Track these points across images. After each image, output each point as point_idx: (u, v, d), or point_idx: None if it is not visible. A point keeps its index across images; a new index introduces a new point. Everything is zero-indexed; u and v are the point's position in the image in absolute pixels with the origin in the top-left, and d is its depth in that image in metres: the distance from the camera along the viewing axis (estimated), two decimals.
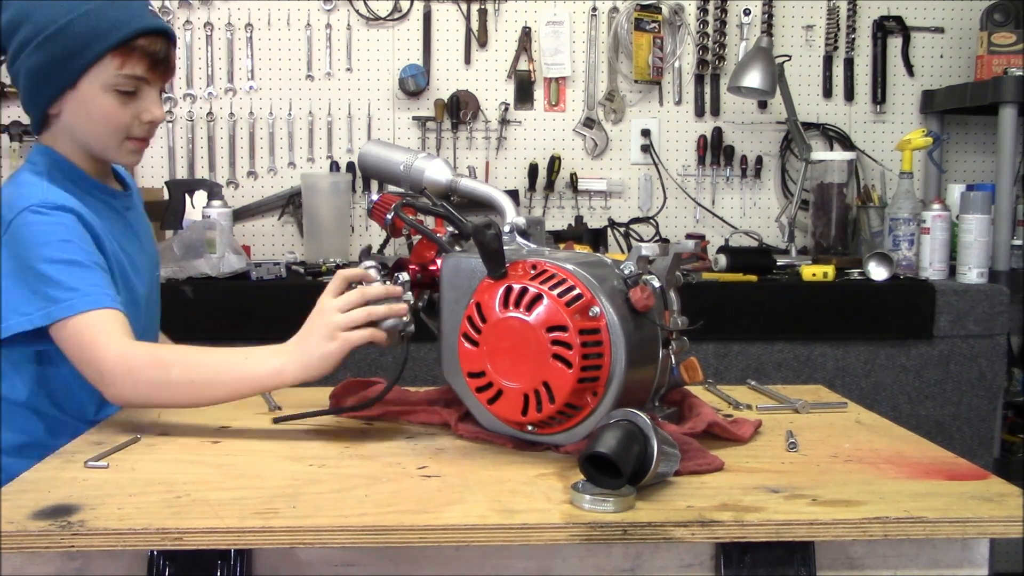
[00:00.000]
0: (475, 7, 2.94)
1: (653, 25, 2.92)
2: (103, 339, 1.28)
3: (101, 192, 1.49)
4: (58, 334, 1.30)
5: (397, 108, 2.95)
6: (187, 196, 2.60)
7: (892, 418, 1.42)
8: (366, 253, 1.31)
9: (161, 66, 1.43)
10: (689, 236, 2.93)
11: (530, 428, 1.16)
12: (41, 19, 1.39)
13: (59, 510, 0.95)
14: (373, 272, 1.25)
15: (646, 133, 2.99)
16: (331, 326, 1.22)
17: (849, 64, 3.03)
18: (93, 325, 1.29)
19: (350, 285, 1.26)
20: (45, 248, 1.32)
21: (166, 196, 2.64)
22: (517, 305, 1.11)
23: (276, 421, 1.33)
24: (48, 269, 1.31)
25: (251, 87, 2.92)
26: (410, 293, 1.28)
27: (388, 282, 1.26)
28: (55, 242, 1.33)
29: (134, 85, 1.41)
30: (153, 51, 1.40)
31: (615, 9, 2.96)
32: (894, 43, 3.04)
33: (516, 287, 1.12)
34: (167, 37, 1.44)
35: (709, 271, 2.59)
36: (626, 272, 1.17)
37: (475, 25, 2.95)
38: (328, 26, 2.92)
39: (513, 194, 2.89)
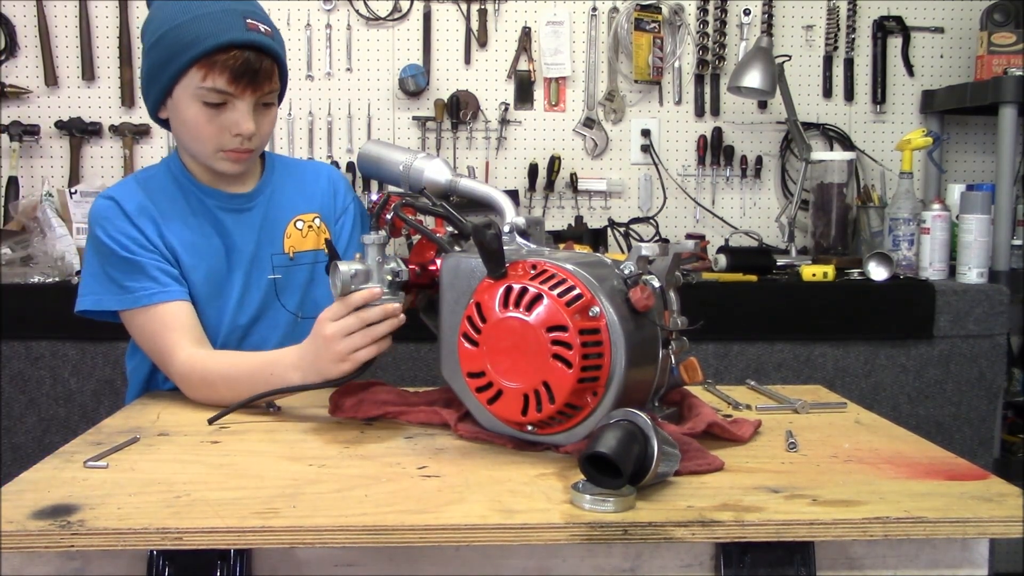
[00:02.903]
0: (475, 7, 2.94)
1: (653, 25, 2.92)
2: (164, 328, 1.50)
3: (200, 192, 1.58)
4: (137, 320, 1.54)
5: (397, 108, 2.95)
6: None
7: (892, 418, 1.42)
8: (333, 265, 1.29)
9: (245, 79, 1.45)
10: (689, 236, 2.93)
11: (530, 428, 1.16)
12: (153, 26, 1.49)
13: (59, 510, 0.95)
14: (368, 294, 1.27)
15: (646, 133, 2.99)
16: (339, 353, 1.28)
17: (849, 64, 3.03)
18: (155, 316, 1.51)
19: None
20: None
21: None
22: (517, 305, 1.11)
23: (210, 421, 1.33)
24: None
25: None
26: (402, 293, 1.29)
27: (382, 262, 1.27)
28: (108, 238, 1.54)
29: (220, 97, 1.46)
30: (234, 65, 1.43)
31: (615, 9, 2.96)
32: (894, 43, 3.04)
33: (516, 287, 1.12)
34: (258, 50, 1.45)
35: (709, 271, 2.59)
36: (626, 272, 1.17)
37: (475, 25, 2.95)
38: (328, 26, 2.92)
39: (513, 194, 2.89)
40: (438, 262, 1.30)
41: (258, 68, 1.45)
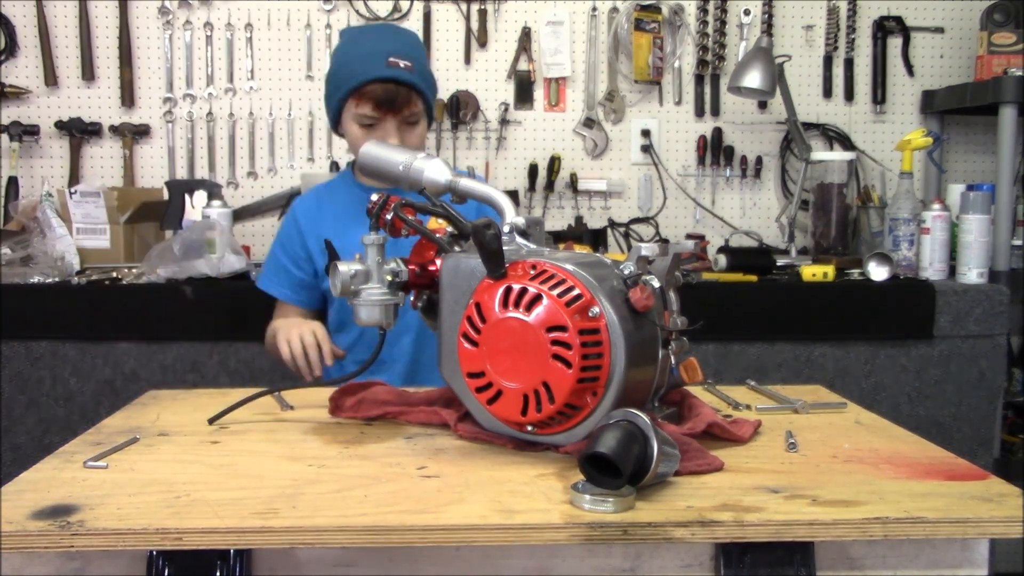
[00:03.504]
0: (475, 7, 2.94)
1: (653, 25, 2.92)
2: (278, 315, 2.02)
3: (359, 189, 1.97)
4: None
5: None
6: (187, 196, 2.60)
7: (892, 418, 1.41)
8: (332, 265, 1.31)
9: (386, 106, 1.84)
10: (689, 236, 2.93)
11: (530, 428, 1.16)
12: (331, 65, 1.95)
13: (58, 510, 0.95)
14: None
15: (646, 133, 2.99)
16: (288, 336, 1.77)
17: (849, 64, 3.03)
18: (280, 306, 2.03)
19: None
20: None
21: (166, 196, 2.64)
22: (517, 305, 1.11)
23: (211, 421, 1.33)
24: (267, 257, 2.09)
25: (251, 87, 2.92)
26: (402, 293, 1.29)
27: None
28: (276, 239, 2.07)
29: (370, 119, 1.86)
30: (377, 96, 1.83)
31: (615, 9, 2.96)
32: (894, 43, 3.04)
33: (516, 287, 1.12)
34: (396, 82, 1.83)
35: (709, 271, 2.59)
36: (626, 272, 1.17)
37: (475, 25, 2.95)
38: (328, 26, 2.92)
39: (513, 194, 2.89)
40: (438, 262, 1.30)
41: (395, 97, 1.83)
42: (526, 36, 2.96)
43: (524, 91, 2.97)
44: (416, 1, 2.91)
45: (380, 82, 1.83)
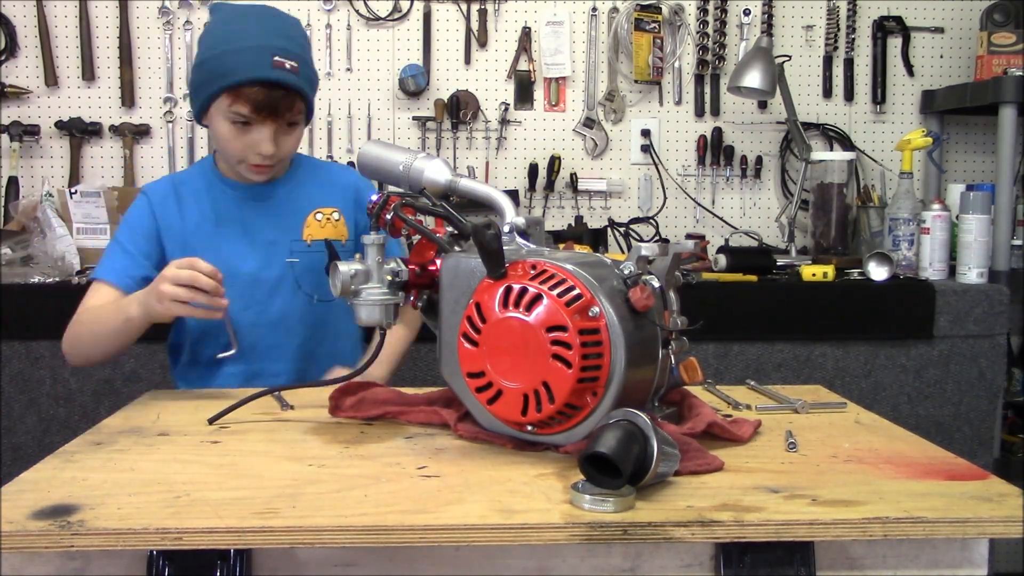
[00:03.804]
0: (475, 7, 2.94)
1: (653, 25, 2.92)
2: (90, 297, 1.71)
3: (223, 185, 1.78)
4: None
5: (397, 108, 2.95)
6: None
7: (892, 418, 1.42)
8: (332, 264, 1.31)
9: (266, 111, 1.65)
10: (689, 236, 2.93)
11: (530, 428, 1.16)
12: (202, 48, 1.71)
13: (59, 510, 0.95)
14: (214, 270, 1.48)
15: (646, 133, 2.99)
16: (161, 292, 1.47)
17: (849, 64, 3.03)
18: (92, 290, 1.72)
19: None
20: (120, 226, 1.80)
21: None
22: (517, 305, 1.11)
23: (211, 421, 1.34)
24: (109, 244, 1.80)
25: None
26: (401, 293, 1.29)
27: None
28: (123, 223, 1.80)
29: (245, 119, 1.66)
30: (257, 99, 1.64)
31: (615, 9, 2.96)
32: (894, 43, 3.04)
33: (516, 287, 1.12)
34: (281, 86, 1.64)
35: (709, 271, 2.59)
36: (626, 272, 1.17)
37: (475, 25, 2.95)
38: (328, 26, 2.92)
39: (513, 194, 2.89)
40: (438, 262, 1.30)
41: (278, 103, 1.65)
42: (526, 36, 2.96)
43: (524, 91, 2.97)
44: (416, 1, 2.92)
45: (263, 84, 1.63)
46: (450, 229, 1.37)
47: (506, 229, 1.31)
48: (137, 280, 1.68)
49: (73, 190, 2.59)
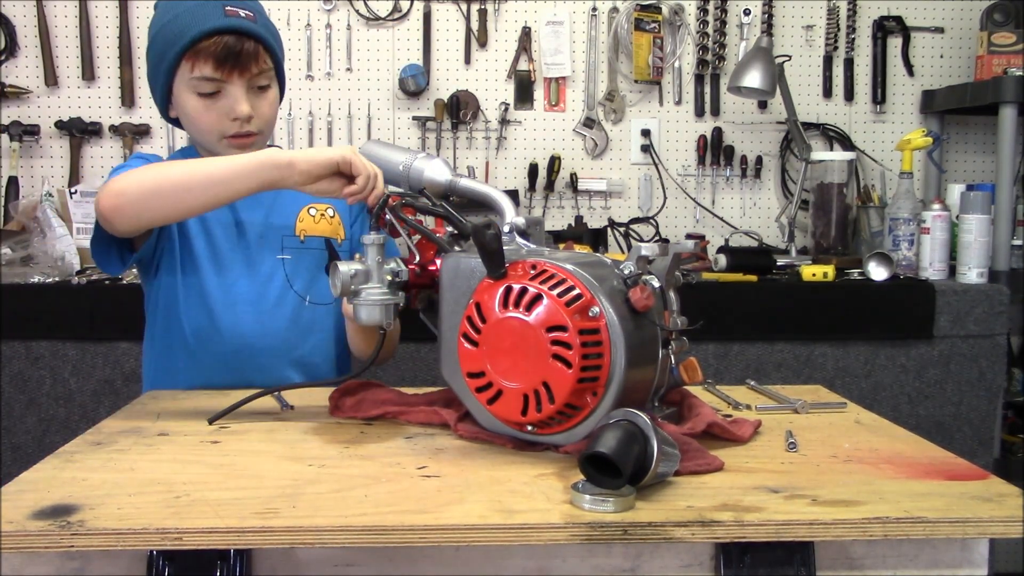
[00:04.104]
0: (475, 7, 2.94)
1: (653, 25, 2.92)
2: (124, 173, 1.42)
3: None
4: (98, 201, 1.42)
5: (397, 108, 2.95)
6: None
7: (892, 418, 1.41)
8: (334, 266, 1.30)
9: (230, 62, 1.50)
10: (689, 236, 2.93)
11: (530, 428, 1.16)
12: (150, 32, 1.58)
13: (58, 510, 0.95)
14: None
15: (646, 133, 2.99)
16: (345, 148, 1.36)
17: (849, 64, 3.03)
18: (122, 173, 1.42)
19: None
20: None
21: None
22: (517, 305, 1.11)
23: (211, 421, 1.33)
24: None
25: None
26: (401, 293, 1.29)
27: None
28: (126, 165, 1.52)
29: (212, 86, 1.52)
30: (216, 51, 1.49)
31: (615, 9, 2.96)
32: (894, 43, 3.04)
33: (516, 287, 1.12)
34: (239, 33, 1.50)
35: (709, 271, 2.59)
36: (626, 272, 1.17)
37: (475, 25, 2.95)
38: (328, 26, 2.92)
39: (513, 194, 2.89)
40: (438, 262, 1.30)
41: (240, 50, 1.51)
42: (526, 36, 2.96)
43: (524, 91, 2.97)
44: (416, 1, 2.92)
45: (220, 33, 1.49)
46: (450, 229, 1.37)
47: (506, 229, 1.31)
48: None
49: (73, 190, 2.60)
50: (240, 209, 1.63)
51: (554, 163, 2.93)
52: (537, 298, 1.10)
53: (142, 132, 2.88)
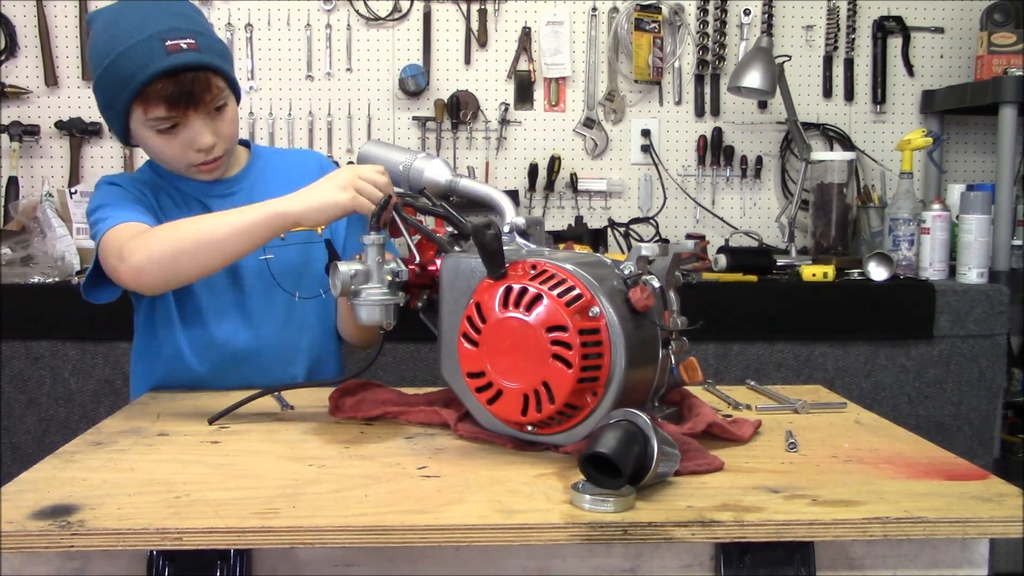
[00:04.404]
0: (475, 7, 2.94)
1: (653, 25, 2.92)
2: (124, 232, 1.43)
3: (181, 184, 1.60)
4: (100, 253, 1.47)
5: (397, 108, 2.95)
6: None
7: (892, 418, 1.42)
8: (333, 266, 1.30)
9: (183, 102, 1.47)
10: (689, 236, 2.93)
11: (530, 428, 1.16)
12: (93, 64, 1.53)
13: (58, 510, 0.95)
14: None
15: (646, 133, 2.99)
16: (348, 180, 1.36)
17: (849, 64, 3.03)
18: (120, 229, 1.44)
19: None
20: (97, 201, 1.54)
21: None
22: (517, 305, 1.11)
23: (211, 421, 1.33)
24: (96, 214, 1.51)
25: (251, 87, 2.91)
26: (401, 293, 1.29)
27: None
28: (103, 197, 1.54)
29: (170, 123, 1.50)
30: (167, 93, 1.46)
31: (615, 9, 2.96)
32: (894, 43, 3.04)
33: (516, 287, 1.12)
34: (187, 69, 1.46)
35: (709, 271, 2.59)
36: (626, 272, 1.17)
37: (475, 25, 2.95)
38: (328, 26, 2.92)
39: (513, 194, 2.89)
40: (438, 262, 1.30)
41: (191, 88, 1.47)
42: (526, 36, 2.96)
43: (524, 91, 2.97)
44: (416, 1, 2.92)
45: (166, 75, 1.44)
46: (450, 229, 1.37)
47: (506, 229, 1.31)
48: (148, 217, 1.50)
49: (73, 190, 2.60)
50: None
51: (554, 163, 2.93)
52: (537, 298, 1.10)
53: None
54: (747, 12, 2.98)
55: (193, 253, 1.39)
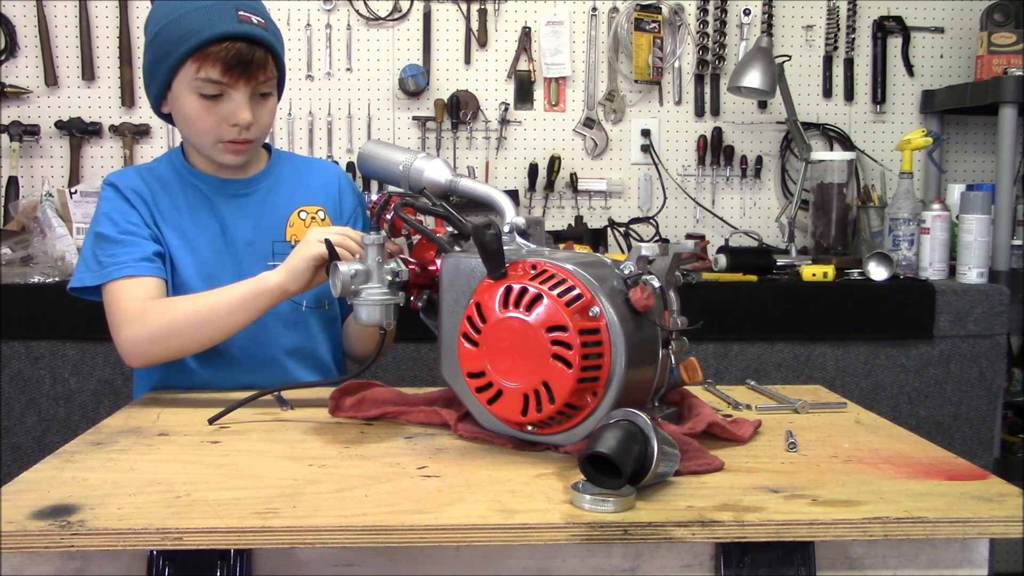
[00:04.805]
0: (475, 7, 2.94)
1: (653, 25, 2.92)
2: (131, 296, 1.51)
3: (196, 180, 1.63)
4: (105, 300, 1.54)
5: (397, 108, 2.95)
6: None
7: (892, 418, 1.42)
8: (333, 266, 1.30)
9: (239, 69, 1.49)
10: (689, 236, 2.93)
11: (530, 428, 1.16)
12: (152, 23, 1.55)
13: (59, 510, 0.95)
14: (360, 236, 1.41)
15: (646, 133, 2.99)
16: (312, 236, 1.42)
17: (849, 64, 3.03)
18: (129, 291, 1.51)
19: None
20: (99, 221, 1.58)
21: None
22: (517, 305, 1.11)
23: (211, 421, 1.33)
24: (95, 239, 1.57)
25: None
26: (401, 293, 1.29)
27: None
28: (100, 217, 1.58)
29: (216, 89, 1.51)
30: (227, 56, 1.48)
31: (615, 9, 2.96)
32: (894, 43, 3.04)
33: (516, 287, 1.12)
34: (250, 41, 1.50)
35: (709, 271, 2.59)
36: (626, 272, 1.17)
37: (475, 25, 2.95)
38: (328, 26, 2.92)
39: (513, 194, 2.89)
40: (438, 262, 1.30)
41: (251, 59, 1.50)
42: (526, 36, 2.95)
43: (524, 91, 2.97)
44: (416, 1, 2.92)
45: (231, 39, 1.48)
46: (450, 229, 1.37)
47: (506, 229, 1.31)
48: (152, 258, 1.54)
49: (73, 190, 2.59)
50: (226, 217, 1.62)
51: (554, 163, 2.93)
52: (537, 298, 1.10)
53: (142, 132, 2.88)
54: (747, 12, 2.98)
55: (191, 330, 1.49)
